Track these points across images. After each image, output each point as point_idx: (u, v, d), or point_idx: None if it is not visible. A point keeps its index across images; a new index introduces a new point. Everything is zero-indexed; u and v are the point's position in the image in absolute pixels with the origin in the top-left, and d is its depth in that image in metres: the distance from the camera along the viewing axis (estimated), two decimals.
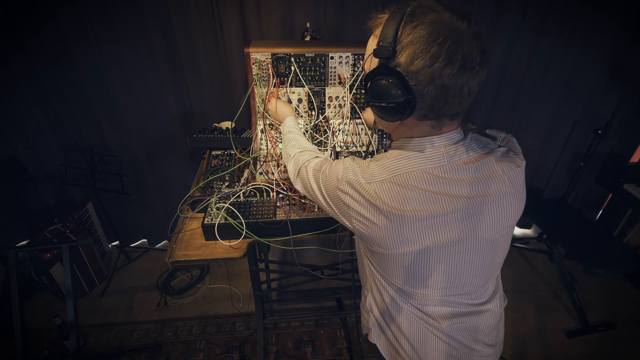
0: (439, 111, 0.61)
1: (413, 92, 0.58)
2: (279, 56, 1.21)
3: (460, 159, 0.66)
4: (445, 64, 0.54)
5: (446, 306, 0.76)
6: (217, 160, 1.41)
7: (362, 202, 0.66)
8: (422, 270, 0.70)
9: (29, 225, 2.21)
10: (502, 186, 0.67)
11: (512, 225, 0.73)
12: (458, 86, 0.57)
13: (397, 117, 0.62)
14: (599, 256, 1.75)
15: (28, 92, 1.82)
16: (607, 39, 1.89)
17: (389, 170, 0.65)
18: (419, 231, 0.65)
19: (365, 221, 0.67)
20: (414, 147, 0.67)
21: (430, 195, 0.63)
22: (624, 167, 2.28)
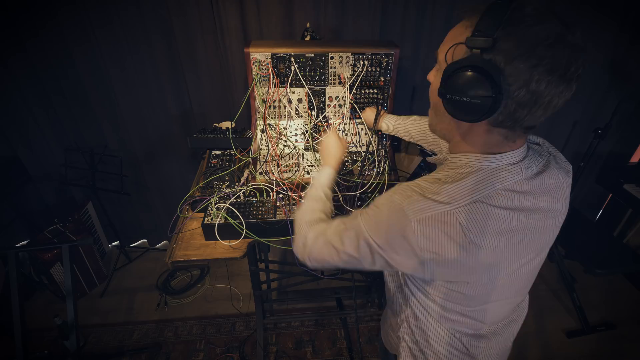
0: (517, 120, 0.54)
1: (502, 92, 0.51)
2: (279, 56, 1.21)
3: (532, 171, 0.62)
4: (547, 69, 0.49)
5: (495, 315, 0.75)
6: (217, 160, 1.41)
7: (443, 239, 0.56)
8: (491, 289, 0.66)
9: (29, 225, 2.21)
10: (563, 194, 0.67)
11: (560, 226, 0.73)
12: (550, 96, 0.52)
13: (474, 116, 0.55)
14: (599, 256, 1.75)
15: (28, 92, 1.82)
16: (607, 40, 1.89)
17: (471, 191, 0.57)
18: (501, 251, 0.60)
19: (445, 262, 0.59)
20: (491, 164, 0.60)
21: (513, 214, 0.59)
22: (624, 167, 2.28)
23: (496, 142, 0.60)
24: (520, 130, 0.58)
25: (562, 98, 0.53)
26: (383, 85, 1.30)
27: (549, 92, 0.51)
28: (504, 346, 0.82)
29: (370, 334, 1.92)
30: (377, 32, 1.75)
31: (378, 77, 1.28)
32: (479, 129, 0.59)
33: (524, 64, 0.49)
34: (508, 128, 0.57)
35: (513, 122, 0.55)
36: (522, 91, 0.51)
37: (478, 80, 0.51)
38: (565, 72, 0.50)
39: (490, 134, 0.59)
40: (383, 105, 1.33)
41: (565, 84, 0.51)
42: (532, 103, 0.52)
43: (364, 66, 1.25)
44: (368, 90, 1.31)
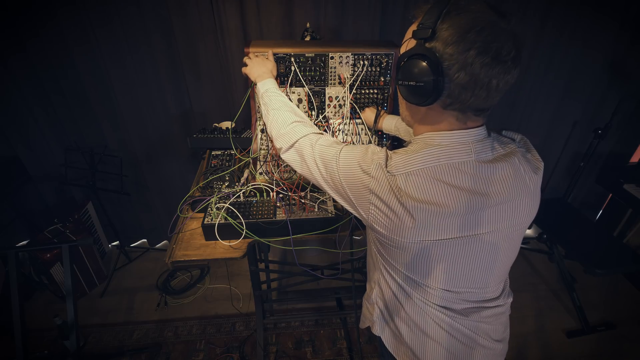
0: (464, 102, 0.61)
1: (443, 75, 0.59)
2: (279, 56, 1.21)
3: (485, 156, 0.66)
4: (479, 51, 0.56)
5: (454, 299, 0.75)
6: (217, 160, 1.41)
7: (386, 191, 0.65)
8: (435, 262, 0.70)
9: (29, 225, 2.21)
10: (523, 187, 0.69)
11: (524, 227, 0.75)
12: (487, 77, 0.57)
13: (423, 99, 0.62)
14: (599, 256, 1.75)
15: (28, 92, 1.82)
16: (607, 40, 1.89)
17: (415, 163, 0.64)
18: (440, 225, 0.65)
19: (386, 210, 0.66)
20: (442, 141, 0.66)
21: (455, 191, 0.64)
22: (624, 167, 2.28)
23: (448, 123, 0.66)
24: (471, 112, 0.64)
25: (502, 79, 0.58)
26: (383, 85, 1.30)
27: (485, 73, 0.57)
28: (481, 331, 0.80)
29: (370, 334, 1.92)
30: (377, 32, 1.75)
31: (378, 77, 1.28)
32: (433, 113, 0.67)
33: (458, 48, 0.56)
34: (458, 110, 0.63)
35: (461, 104, 0.62)
36: (461, 74, 0.58)
37: (421, 65, 0.60)
38: (497, 55, 0.56)
39: (443, 116, 0.66)
40: (383, 105, 1.33)
41: (500, 65, 0.57)
42: (473, 84, 0.58)
43: (364, 66, 1.25)
44: (368, 90, 1.30)
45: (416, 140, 0.71)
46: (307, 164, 0.82)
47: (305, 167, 0.83)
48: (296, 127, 0.88)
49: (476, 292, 0.76)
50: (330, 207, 1.20)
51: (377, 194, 0.66)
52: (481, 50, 0.56)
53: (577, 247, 1.83)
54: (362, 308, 1.00)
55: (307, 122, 0.92)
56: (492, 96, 0.60)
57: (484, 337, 0.80)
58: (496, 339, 0.82)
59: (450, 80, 0.59)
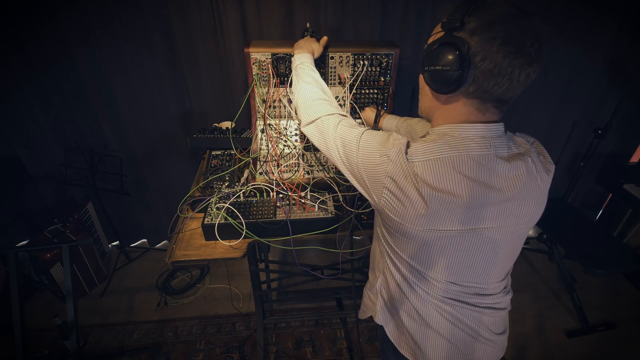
0: (486, 90, 0.63)
1: (469, 61, 0.61)
2: (279, 56, 1.22)
3: (502, 152, 0.68)
4: (503, 41, 0.59)
5: (456, 292, 0.77)
6: (217, 160, 1.41)
7: (402, 175, 0.66)
8: (440, 253, 0.72)
9: (29, 225, 2.21)
10: (534, 186, 0.70)
11: (530, 225, 0.76)
12: (511, 67, 0.60)
13: (448, 85, 0.64)
14: (599, 256, 1.75)
15: (28, 93, 1.82)
16: (606, 40, 1.89)
17: (434, 151, 0.66)
18: (451, 215, 0.66)
19: (400, 195, 0.67)
20: (462, 133, 0.67)
21: (470, 183, 0.65)
22: (624, 167, 2.28)
23: (468, 113, 0.68)
24: (491, 102, 0.66)
25: (524, 71, 0.61)
26: (383, 85, 1.30)
27: (509, 62, 0.59)
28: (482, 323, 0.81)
29: (370, 334, 1.92)
30: (377, 32, 1.75)
31: (378, 77, 1.28)
32: (454, 102, 0.68)
33: (484, 36, 0.60)
34: (480, 99, 0.65)
35: (483, 93, 0.64)
36: (485, 61, 0.60)
37: (448, 51, 0.63)
38: (521, 46, 0.59)
39: (464, 106, 0.67)
40: (383, 105, 1.33)
41: (523, 56, 0.59)
42: (497, 73, 0.61)
43: (364, 66, 1.25)
44: (368, 90, 1.31)
45: (434, 131, 0.72)
46: (326, 142, 0.84)
47: (323, 144, 0.85)
48: (321, 105, 0.90)
49: (478, 286, 0.77)
50: (330, 207, 1.20)
51: (394, 178, 0.67)
52: (505, 40, 0.58)
53: (577, 247, 1.83)
54: (362, 298, 1.01)
55: (333, 102, 0.95)
56: (513, 87, 0.62)
57: (485, 330, 0.81)
58: (497, 332, 0.83)
59: (475, 67, 0.61)
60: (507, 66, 0.60)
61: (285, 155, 1.29)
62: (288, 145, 1.30)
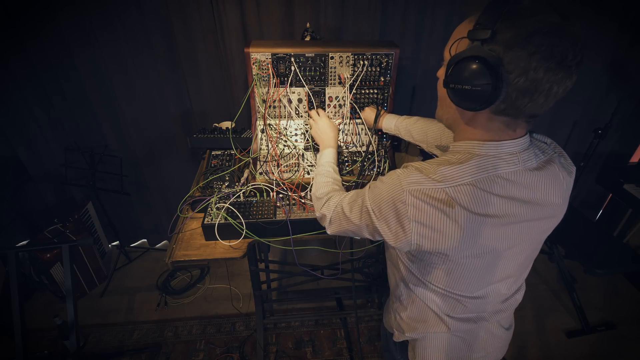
0: (519, 108, 0.57)
1: (502, 79, 0.54)
2: (279, 56, 1.22)
3: (531, 164, 0.64)
4: (543, 55, 0.52)
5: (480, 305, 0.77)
6: (217, 160, 1.41)
7: (430, 211, 0.61)
8: (476, 274, 0.69)
9: (29, 225, 2.21)
10: (561, 193, 0.68)
11: (552, 229, 0.75)
12: (549, 83, 0.54)
13: (476, 104, 0.58)
14: (599, 256, 1.75)
15: (29, 93, 1.82)
16: (606, 40, 1.89)
17: (466, 175, 0.61)
18: (492, 237, 0.64)
19: (430, 233, 0.62)
20: (489, 151, 0.63)
21: (504, 201, 0.62)
22: (624, 167, 2.28)
23: (497, 129, 0.62)
24: (523, 118, 0.60)
25: (562, 86, 0.55)
26: (383, 85, 1.30)
27: (548, 79, 0.53)
28: (495, 336, 0.83)
29: (370, 334, 1.92)
30: (377, 32, 1.75)
31: (378, 77, 1.28)
32: (482, 117, 0.62)
33: (522, 52, 0.52)
34: (511, 116, 0.60)
35: (515, 110, 0.58)
36: (521, 79, 0.53)
37: (478, 68, 0.55)
38: (563, 60, 0.52)
39: (492, 122, 0.62)
40: (383, 105, 1.33)
41: (564, 71, 0.53)
42: (533, 90, 0.54)
43: (364, 66, 1.25)
44: (368, 90, 1.31)
45: (458, 147, 0.67)
46: (349, 228, 0.79)
47: (351, 230, 0.79)
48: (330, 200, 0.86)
49: (506, 293, 0.79)
50: None
51: (418, 219, 0.62)
52: (547, 54, 0.51)
53: (577, 247, 1.83)
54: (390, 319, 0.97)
55: (340, 190, 0.93)
56: (549, 102, 0.57)
57: (500, 328, 0.83)
58: (506, 326, 0.85)
59: (508, 85, 0.55)
60: (545, 82, 0.53)
61: (285, 155, 1.29)
62: (288, 145, 1.31)
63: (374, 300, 2.00)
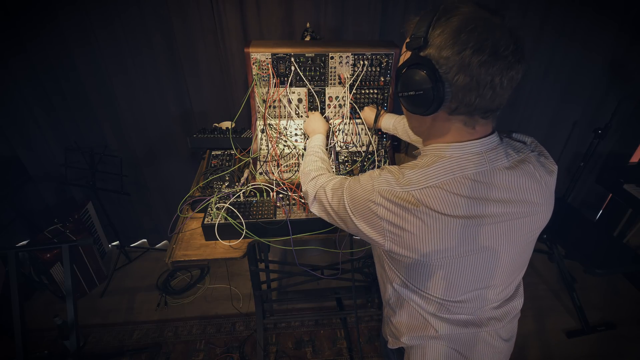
0: (470, 105, 0.59)
1: (442, 80, 0.57)
2: (279, 56, 1.22)
3: (501, 163, 0.65)
4: (474, 50, 0.54)
5: (465, 311, 0.76)
6: (217, 160, 1.41)
7: (397, 211, 0.63)
8: (454, 277, 0.69)
9: (29, 225, 2.21)
10: (540, 192, 0.68)
11: (539, 231, 0.74)
12: (490, 76, 0.55)
13: (426, 107, 0.61)
14: (599, 256, 1.75)
15: (29, 93, 1.82)
16: (606, 40, 1.89)
17: (431, 177, 0.63)
18: (460, 237, 0.64)
19: (400, 232, 0.64)
20: (454, 153, 0.64)
21: (472, 202, 0.62)
22: (624, 167, 2.28)
23: (457, 129, 0.64)
24: (479, 114, 0.61)
25: (506, 76, 0.56)
26: (383, 85, 1.30)
27: (485, 71, 0.55)
28: (493, 347, 0.81)
29: (370, 334, 1.92)
30: (377, 32, 1.75)
31: (378, 77, 1.28)
32: (440, 120, 0.65)
33: (452, 50, 0.55)
34: (465, 114, 0.61)
35: (467, 107, 0.60)
36: (460, 76, 0.56)
37: (417, 74, 0.59)
38: (495, 51, 0.54)
39: (450, 122, 0.64)
40: (383, 105, 1.33)
41: (500, 61, 0.55)
42: (476, 85, 0.56)
43: (364, 66, 1.25)
44: (368, 90, 1.31)
45: (426, 152, 0.69)
46: (328, 212, 0.81)
47: (330, 216, 0.81)
48: (317, 180, 0.88)
49: (491, 298, 0.77)
50: None
51: (389, 219, 0.64)
52: (476, 48, 0.54)
53: (577, 247, 1.83)
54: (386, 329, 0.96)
55: (328, 172, 0.94)
56: (498, 95, 0.58)
57: (497, 339, 0.81)
58: (505, 338, 0.83)
59: (450, 85, 0.58)
60: (485, 76, 0.55)
61: (285, 155, 1.30)
62: (288, 145, 1.31)
63: (374, 300, 2.00)
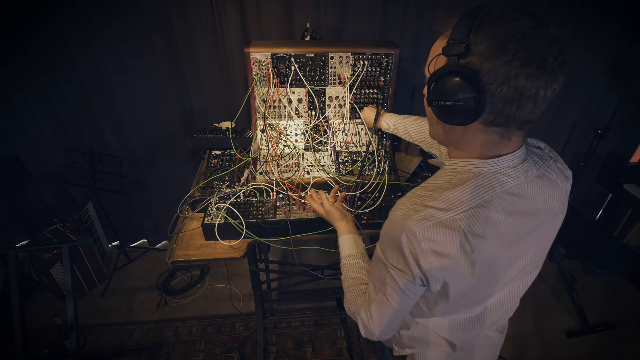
0: (509, 117, 0.55)
1: (485, 91, 0.53)
2: (279, 56, 1.22)
3: (532, 173, 0.63)
4: (522, 61, 0.51)
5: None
6: (217, 160, 1.41)
7: (445, 241, 0.57)
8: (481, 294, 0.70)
9: (29, 225, 2.21)
10: (560, 199, 0.67)
11: (555, 235, 0.75)
12: (534, 88, 0.52)
13: (463, 119, 0.56)
14: (599, 256, 1.75)
15: (29, 93, 1.82)
16: (606, 40, 1.89)
17: (472, 198, 0.58)
18: (497, 256, 0.62)
19: (446, 261, 0.58)
20: (490, 168, 0.61)
21: (513, 218, 0.60)
22: (624, 167, 2.28)
23: (491, 141, 0.60)
24: (515, 126, 0.58)
25: (550, 88, 0.53)
26: (383, 85, 1.30)
27: (531, 84, 0.52)
28: (491, 339, 0.84)
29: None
30: (377, 32, 1.75)
31: (378, 77, 1.28)
32: (474, 131, 0.60)
33: (498, 61, 0.51)
34: (502, 126, 0.58)
35: (505, 119, 0.56)
36: (504, 88, 0.52)
37: (458, 83, 0.54)
38: (543, 63, 0.51)
39: (484, 134, 0.60)
40: (383, 105, 1.34)
41: (547, 74, 0.52)
42: (519, 97, 0.53)
43: (364, 66, 1.25)
44: (368, 90, 1.31)
45: (455, 166, 0.65)
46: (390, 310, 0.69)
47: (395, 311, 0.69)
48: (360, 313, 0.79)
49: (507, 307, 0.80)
50: None
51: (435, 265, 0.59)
52: (524, 60, 0.50)
53: (577, 247, 1.83)
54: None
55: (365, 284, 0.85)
56: (539, 107, 0.55)
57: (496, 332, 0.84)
58: (500, 330, 0.86)
59: (492, 96, 0.54)
60: (530, 88, 0.52)
61: (285, 155, 1.30)
62: (288, 145, 1.31)
63: None
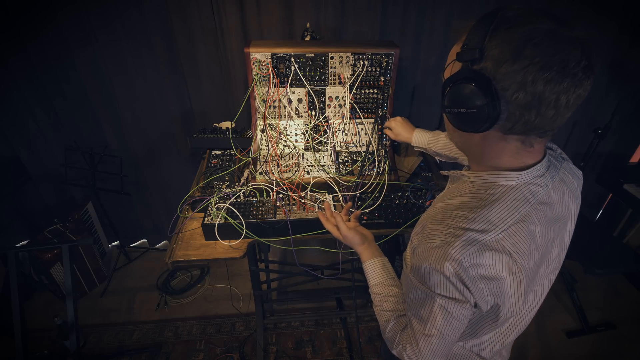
0: (527, 124, 0.52)
1: (499, 98, 0.51)
2: (279, 56, 1.22)
3: (556, 179, 0.63)
4: (539, 66, 0.48)
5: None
6: (217, 160, 1.41)
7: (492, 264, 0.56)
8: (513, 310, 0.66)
9: (29, 225, 2.21)
10: (575, 200, 0.67)
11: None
12: (555, 94, 0.49)
13: (477, 126, 0.54)
14: (599, 256, 1.75)
15: (29, 93, 1.82)
16: (606, 41, 1.89)
17: (511, 214, 0.56)
18: (538, 269, 0.63)
19: (495, 284, 0.57)
20: (521, 179, 0.59)
21: (546, 228, 0.60)
22: (624, 167, 2.28)
23: (514, 149, 0.58)
24: (536, 134, 0.56)
25: (573, 94, 0.50)
26: (383, 86, 1.30)
27: (551, 90, 0.49)
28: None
29: (370, 334, 1.92)
30: (377, 32, 1.75)
31: (378, 77, 1.28)
32: (492, 138, 0.58)
33: (513, 66, 0.49)
34: (522, 134, 0.55)
35: (524, 127, 0.53)
36: (520, 94, 0.50)
37: (471, 90, 0.52)
38: (564, 68, 0.48)
39: (504, 142, 0.57)
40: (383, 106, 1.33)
41: (569, 79, 0.48)
42: (537, 104, 0.50)
43: (364, 66, 1.25)
44: (368, 90, 1.31)
45: (484, 179, 0.61)
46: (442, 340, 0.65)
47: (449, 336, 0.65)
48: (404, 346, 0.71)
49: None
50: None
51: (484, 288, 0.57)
52: (542, 64, 0.47)
53: (577, 247, 1.83)
54: None
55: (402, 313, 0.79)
56: (561, 114, 0.52)
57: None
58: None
59: (508, 102, 0.51)
60: (549, 94, 0.49)
61: (285, 155, 1.30)
62: (288, 145, 1.31)
63: None
